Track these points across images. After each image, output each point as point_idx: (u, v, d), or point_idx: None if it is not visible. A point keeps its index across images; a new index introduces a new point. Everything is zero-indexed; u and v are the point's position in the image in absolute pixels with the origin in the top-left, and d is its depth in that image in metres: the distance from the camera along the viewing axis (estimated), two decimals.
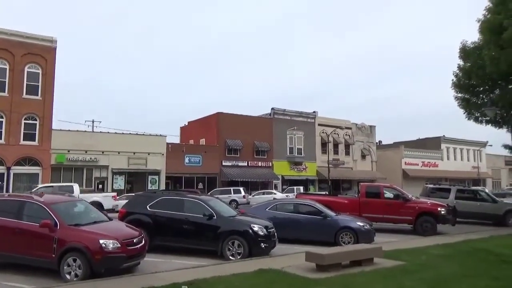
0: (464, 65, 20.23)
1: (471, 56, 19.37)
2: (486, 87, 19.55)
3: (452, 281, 7.30)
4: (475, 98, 20.61)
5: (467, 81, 19.83)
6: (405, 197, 15.42)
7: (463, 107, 21.09)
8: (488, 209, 18.36)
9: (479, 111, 19.90)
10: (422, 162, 52.56)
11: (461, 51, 20.32)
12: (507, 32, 15.30)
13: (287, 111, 42.38)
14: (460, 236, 13.65)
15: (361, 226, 12.10)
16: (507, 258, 9.44)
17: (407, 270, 8.20)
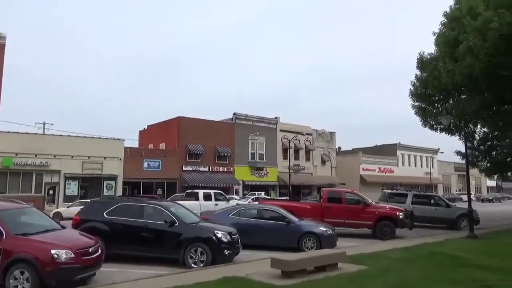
0: (421, 75, 21.17)
1: (428, 67, 20.29)
2: (441, 97, 20.53)
3: (413, 285, 7.44)
4: (431, 107, 21.62)
5: (423, 90, 20.75)
6: (366, 202, 15.73)
7: (420, 115, 22.05)
8: (442, 213, 19.18)
9: (435, 119, 20.86)
10: (378, 168, 54.40)
11: (419, 61, 21.26)
12: (461, 46, 16.11)
13: (249, 116, 42.37)
14: (417, 240, 14.09)
15: (324, 231, 12.15)
16: (462, 261, 9.80)
17: (370, 274, 8.27)
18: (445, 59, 17.99)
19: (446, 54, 18.29)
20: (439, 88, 18.92)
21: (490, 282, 7.58)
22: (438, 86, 18.75)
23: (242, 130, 41.11)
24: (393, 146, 58.07)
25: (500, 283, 7.47)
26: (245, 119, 42.05)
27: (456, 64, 16.81)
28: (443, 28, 19.68)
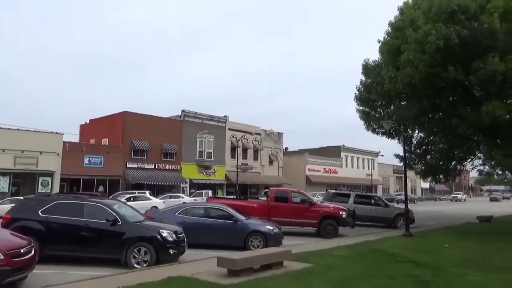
0: (365, 81, 22.12)
1: (372, 73, 21.25)
2: (383, 102, 21.60)
3: (355, 281, 7.72)
4: (374, 112, 22.67)
5: (367, 95, 21.69)
6: (311, 202, 16.14)
7: (363, 119, 23.04)
8: (381, 213, 20.22)
9: (377, 124, 21.91)
10: (323, 169, 56.19)
11: (364, 68, 22.21)
12: (403, 56, 17.06)
13: (198, 114, 41.81)
14: (358, 238, 14.70)
15: (270, 230, 12.27)
16: (400, 258, 10.38)
17: (314, 272, 8.48)
18: (388, 67, 18.95)
19: (389, 62, 19.28)
20: (382, 94, 19.90)
21: (423, 277, 8.09)
22: (381, 92, 19.70)
23: (191, 127, 40.46)
24: (338, 148, 60.32)
25: (431, 278, 8.00)
26: (193, 116, 41.41)
27: (398, 72, 17.76)
28: (387, 37, 20.73)
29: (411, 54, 16.44)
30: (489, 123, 16.16)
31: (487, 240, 14.79)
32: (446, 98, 19.19)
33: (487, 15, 15.30)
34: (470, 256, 11.03)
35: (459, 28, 15.54)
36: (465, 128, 17.75)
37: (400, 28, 19.01)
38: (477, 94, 18.35)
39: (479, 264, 9.83)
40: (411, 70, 16.67)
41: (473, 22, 15.50)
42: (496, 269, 9.19)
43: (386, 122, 18.70)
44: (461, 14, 15.75)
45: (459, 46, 15.95)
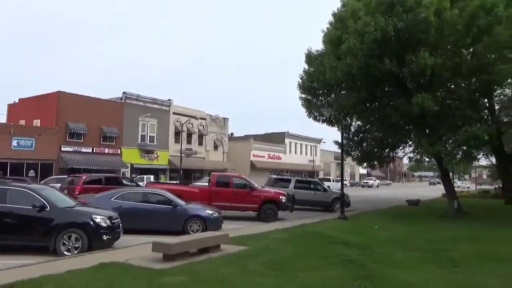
0: (308, 70, 22.61)
1: (314, 62, 21.76)
2: (324, 91, 22.26)
3: (289, 262, 8.00)
4: (316, 100, 23.31)
5: (310, 84, 22.22)
6: (252, 187, 16.37)
7: (305, 107, 23.63)
8: (320, 197, 21.06)
9: (318, 111, 22.58)
10: (268, 155, 57.10)
11: (307, 56, 22.67)
12: (344, 45, 17.63)
13: (140, 96, 40.31)
14: (297, 221, 15.22)
15: (210, 215, 12.28)
16: (333, 239, 10.92)
17: (250, 254, 8.65)
18: (329, 56, 19.51)
19: (331, 51, 19.85)
20: (324, 82, 20.47)
21: (351, 256, 8.60)
22: (322, 80, 20.26)
23: (132, 110, 38.96)
24: (282, 134, 61.49)
25: (358, 257, 8.52)
26: (136, 99, 39.89)
27: (338, 62, 18.35)
28: (330, 27, 21.29)
29: (352, 43, 17.04)
30: (418, 113, 17.31)
31: (413, 222, 16.01)
32: (382, 88, 20.19)
33: (424, 8, 16.22)
34: (396, 237, 11.87)
35: (396, 20, 16.33)
36: (398, 118, 18.89)
37: (342, 18, 19.58)
38: (409, 86, 19.51)
39: (403, 244, 10.62)
40: (351, 60, 17.30)
41: (410, 14, 16.34)
42: (417, 249, 9.99)
43: (326, 110, 19.35)
44: (400, 6, 16.55)
45: (395, 38, 16.80)
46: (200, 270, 7.18)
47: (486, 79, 16.87)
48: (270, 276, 6.84)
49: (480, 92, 18.76)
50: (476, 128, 16.88)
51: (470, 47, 17.86)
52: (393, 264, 8.02)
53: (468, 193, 40.13)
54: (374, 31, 16.30)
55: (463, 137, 16.61)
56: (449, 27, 17.10)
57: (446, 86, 19.29)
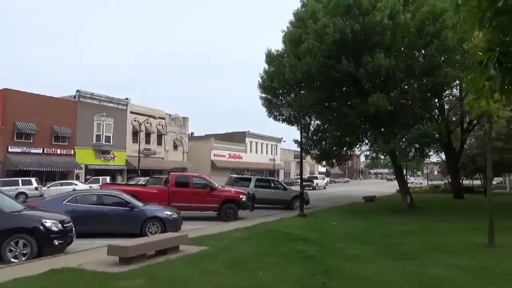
0: (268, 69, 22.80)
1: (274, 62, 21.95)
2: (284, 91, 22.52)
3: (248, 260, 7.99)
4: (276, 99, 23.55)
5: (270, 83, 22.41)
6: (212, 186, 16.22)
7: (266, 106, 23.80)
8: (280, 195, 21.26)
9: (278, 111, 22.82)
10: (228, 154, 56.94)
11: (267, 56, 22.83)
12: (303, 45, 17.91)
13: (95, 95, 38.80)
14: (257, 220, 15.26)
15: (169, 215, 12.02)
16: (292, 236, 11.04)
17: (209, 254, 8.56)
18: (289, 56, 19.76)
19: (291, 51, 20.11)
20: (283, 82, 20.72)
21: (309, 252, 8.73)
22: (282, 80, 20.50)
23: (87, 109, 37.41)
24: (243, 133, 61.54)
25: (316, 253, 8.68)
26: (90, 97, 38.34)
27: (298, 62, 18.63)
28: (290, 27, 21.57)
29: (311, 43, 17.35)
30: (374, 113, 17.94)
31: (369, 217, 16.57)
32: (339, 88, 20.74)
33: (379, 12, 16.81)
34: (353, 232, 12.22)
35: (353, 22, 16.83)
36: (354, 117, 19.49)
37: (302, 18, 19.90)
38: (365, 86, 20.18)
39: (360, 239, 10.95)
40: (310, 60, 17.62)
41: (365, 17, 16.89)
42: (372, 242, 10.34)
43: (286, 110, 19.58)
44: (356, 9, 17.06)
45: (352, 40, 17.31)
46: (157, 272, 7.00)
47: (436, 80, 17.77)
48: (230, 275, 6.79)
49: (431, 92, 19.74)
50: (427, 127, 17.72)
51: (422, 49, 18.73)
52: (350, 258, 8.23)
53: (421, 189, 42.16)
54: (333, 32, 16.70)
55: (416, 135, 17.43)
56: (402, 30, 17.85)
57: (400, 87, 20.13)
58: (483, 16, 2.11)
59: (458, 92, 25.64)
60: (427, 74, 18.26)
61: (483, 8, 2.09)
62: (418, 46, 18.56)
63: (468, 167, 36.86)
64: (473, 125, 28.36)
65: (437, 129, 18.39)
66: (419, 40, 18.13)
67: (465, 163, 35.63)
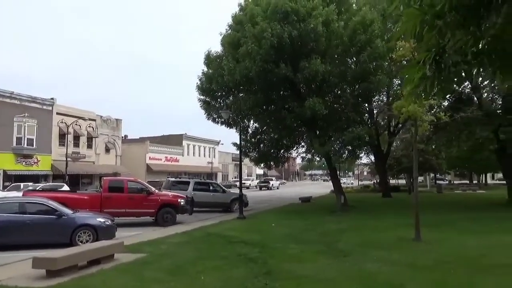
0: (207, 71, 22.57)
1: (213, 64, 21.80)
2: (223, 93, 22.43)
3: (188, 266, 7.77)
4: (214, 101, 23.37)
5: (208, 85, 22.20)
6: (149, 191, 15.61)
7: (204, 109, 23.52)
8: (219, 198, 21.09)
9: (217, 113, 22.66)
10: (165, 157, 55.39)
11: (206, 58, 22.59)
12: (242, 48, 17.99)
13: (15, 94, 35.51)
14: (196, 224, 14.97)
15: (101, 223, 11.30)
16: (233, 239, 10.97)
17: (147, 261, 8.20)
18: (228, 58, 19.74)
19: (229, 53, 20.10)
20: (222, 84, 20.64)
21: (251, 255, 8.73)
22: (221, 82, 20.41)
23: (6, 109, 34.10)
24: (180, 136, 60.28)
25: (257, 255, 8.70)
26: (10, 97, 35.02)
27: (237, 64, 18.68)
28: (229, 29, 21.56)
29: (250, 47, 17.49)
30: (310, 116, 18.54)
31: (306, 217, 17.03)
32: (277, 92, 21.14)
33: (314, 19, 17.41)
34: (291, 232, 12.46)
35: (290, 28, 17.27)
36: (292, 120, 19.98)
37: (241, 22, 19.99)
38: (302, 90, 20.79)
39: (298, 238, 11.20)
40: (249, 63, 17.76)
41: (302, 24, 17.42)
42: (310, 242, 10.63)
43: (224, 112, 19.52)
44: (294, 16, 17.52)
45: (290, 45, 17.76)
46: (90, 284, 6.52)
47: (369, 86, 18.84)
48: (170, 282, 6.53)
49: (362, 97, 20.88)
50: (359, 130, 18.69)
51: (354, 57, 19.75)
52: (291, 258, 8.36)
53: (352, 189, 44.43)
54: (270, 37, 16.99)
55: (349, 137, 18.31)
56: (336, 37, 18.68)
57: (334, 91, 21.04)
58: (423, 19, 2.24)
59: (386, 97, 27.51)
60: (359, 80, 19.29)
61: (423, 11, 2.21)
62: (350, 53, 19.54)
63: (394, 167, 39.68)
64: (398, 129, 30.58)
65: (368, 132, 19.48)
66: (351, 48, 19.10)
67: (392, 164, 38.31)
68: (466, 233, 11.56)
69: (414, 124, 10.74)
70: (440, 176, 59.45)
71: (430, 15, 2.21)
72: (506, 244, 7.67)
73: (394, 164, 39.02)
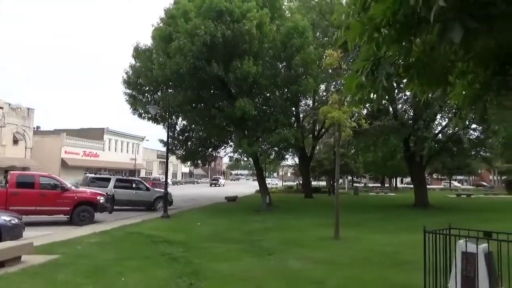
0: (135, 65, 21.61)
1: (142, 57, 20.93)
2: (151, 88, 21.63)
3: (108, 267, 7.32)
4: (141, 96, 22.47)
5: (136, 79, 21.27)
6: (64, 187, 14.45)
7: (130, 103, 22.50)
8: (142, 196, 20.26)
9: (144, 108, 21.80)
10: (83, 152, 51.82)
11: (134, 51, 21.62)
12: (174, 44, 17.51)
13: None
14: (116, 223, 14.20)
15: (6, 221, 10.13)
16: (156, 239, 10.59)
17: (61, 263, 7.58)
18: (159, 52, 19.08)
19: (160, 47, 19.45)
20: (151, 79, 19.93)
21: (176, 254, 8.51)
22: (150, 77, 19.69)
23: None
24: (101, 130, 56.80)
25: (182, 254, 8.51)
26: None
27: (168, 60, 18.14)
28: (161, 23, 20.86)
29: (182, 43, 17.09)
30: (240, 116, 18.68)
31: (231, 216, 17.11)
32: (208, 90, 20.95)
33: (248, 21, 17.54)
34: (217, 231, 12.41)
35: (224, 28, 17.21)
36: (221, 119, 19.94)
37: (174, 16, 19.45)
38: (233, 90, 20.87)
39: (224, 237, 11.18)
40: (180, 59, 17.34)
41: (236, 24, 17.45)
42: (236, 241, 10.67)
43: (152, 108, 18.84)
44: (228, 16, 17.48)
45: (223, 45, 17.70)
46: None
47: (295, 90, 19.50)
48: (87, 285, 6.08)
49: (290, 101, 21.57)
50: (287, 132, 19.27)
51: (285, 61, 20.33)
52: (216, 258, 8.30)
53: (277, 189, 45.71)
54: (204, 34, 16.78)
55: (277, 139, 18.80)
56: (268, 41, 19.06)
57: (264, 94, 21.45)
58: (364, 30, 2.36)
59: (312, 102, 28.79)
60: (287, 84, 19.90)
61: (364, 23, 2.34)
62: (282, 57, 20.08)
63: (317, 169, 41.71)
64: (322, 133, 32.19)
65: (294, 134, 20.18)
66: (282, 52, 19.64)
67: (315, 166, 40.22)
68: (380, 232, 12.53)
69: (338, 129, 11.36)
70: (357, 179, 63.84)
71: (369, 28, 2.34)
72: (414, 242, 8.42)
73: (317, 167, 41.04)
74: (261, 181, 23.78)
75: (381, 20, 2.27)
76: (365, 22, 2.31)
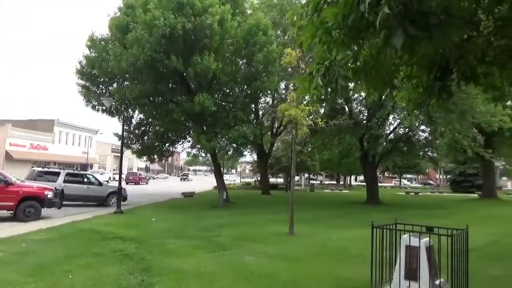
0: (89, 55, 20.74)
1: (98, 48, 20.12)
2: (106, 79, 20.86)
3: (54, 265, 7.03)
4: (95, 88, 21.62)
5: (90, 70, 20.41)
6: (7, 181, 13.60)
7: (83, 94, 21.59)
8: (94, 191, 19.51)
9: (98, 100, 20.99)
10: (31, 144, 49.03)
11: (89, 40, 20.72)
12: (131, 34, 16.97)
13: None
14: (65, 219, 13.60)
15: None
16: (106, 235, 10.28)
17: (2, 261, 7.20)
18: (115, 43, 18.43)
19: (117, 38, 18.80)
20: (106, 70, 19.21)
21: (127, 251, 8.31)
22: (105, 68, 18.98)
23: None
24: (51, 121, 53.95)
25: (135, 251, 8.34)
26: None
27: (124, 51, 17.56)
28: (118, 13, 20.14)
29: (139, 34, 16.61)
30: (199, 112, 18.48)
31: (187, 212, 16.96)
32: (166, 84, 20.53)
33: (210, 15, 17.34)
34: (172, 227, 12.25)
35: (185, 20, 16.89)
36: (179, 114, 19.65)
37: (132, 6, 18.85)
38: (192, 85, 20.60)
39: (179, 233, 11.06)
40: (138, 51, 16.86)
41: (197, 18, 17.20)
42: (191, 236, 10.60)
43: (107, 100, 18.18)
44: (189, 8, 17.17)
45: (183, 38, 17.38)
46: None
47: (257, 87, 19.57)
48: (29, 284, 5.80)
49: (250, 98, 21.63)
50: (246, 128, 19.31)
51: (246, 58, 20.34)
52: (170, 254, 8.21)
53: (234, 185, 45.80)
54: (163, 26, 16.40)
55: (235, 135, 18.81)
56: (230, 36, 18.98)
57: (223, 90, 21.37)
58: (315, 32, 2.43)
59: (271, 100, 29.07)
60: (248, 81, 19.94)
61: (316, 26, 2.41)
62: (243, 54, 20.07)
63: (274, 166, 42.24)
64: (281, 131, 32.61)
65: (253, 131, 20.27)
66: (243, 49, 19.64)
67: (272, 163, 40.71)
68: (332, 228, 12.94)
69: (295, 127, 11.57)
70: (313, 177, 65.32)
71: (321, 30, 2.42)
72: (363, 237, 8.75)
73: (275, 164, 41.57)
74: (218, 177, 23.72)
75: (332, 24, 2.35)
76: (317, 25, 2.39)
